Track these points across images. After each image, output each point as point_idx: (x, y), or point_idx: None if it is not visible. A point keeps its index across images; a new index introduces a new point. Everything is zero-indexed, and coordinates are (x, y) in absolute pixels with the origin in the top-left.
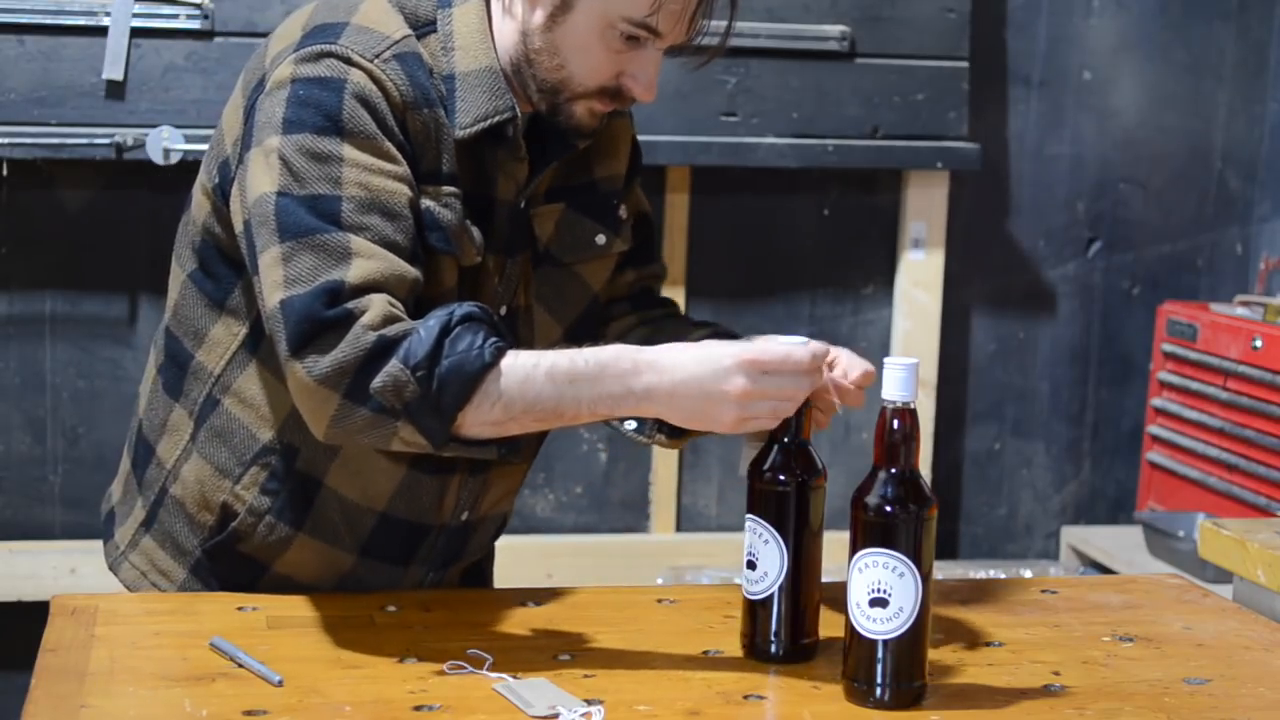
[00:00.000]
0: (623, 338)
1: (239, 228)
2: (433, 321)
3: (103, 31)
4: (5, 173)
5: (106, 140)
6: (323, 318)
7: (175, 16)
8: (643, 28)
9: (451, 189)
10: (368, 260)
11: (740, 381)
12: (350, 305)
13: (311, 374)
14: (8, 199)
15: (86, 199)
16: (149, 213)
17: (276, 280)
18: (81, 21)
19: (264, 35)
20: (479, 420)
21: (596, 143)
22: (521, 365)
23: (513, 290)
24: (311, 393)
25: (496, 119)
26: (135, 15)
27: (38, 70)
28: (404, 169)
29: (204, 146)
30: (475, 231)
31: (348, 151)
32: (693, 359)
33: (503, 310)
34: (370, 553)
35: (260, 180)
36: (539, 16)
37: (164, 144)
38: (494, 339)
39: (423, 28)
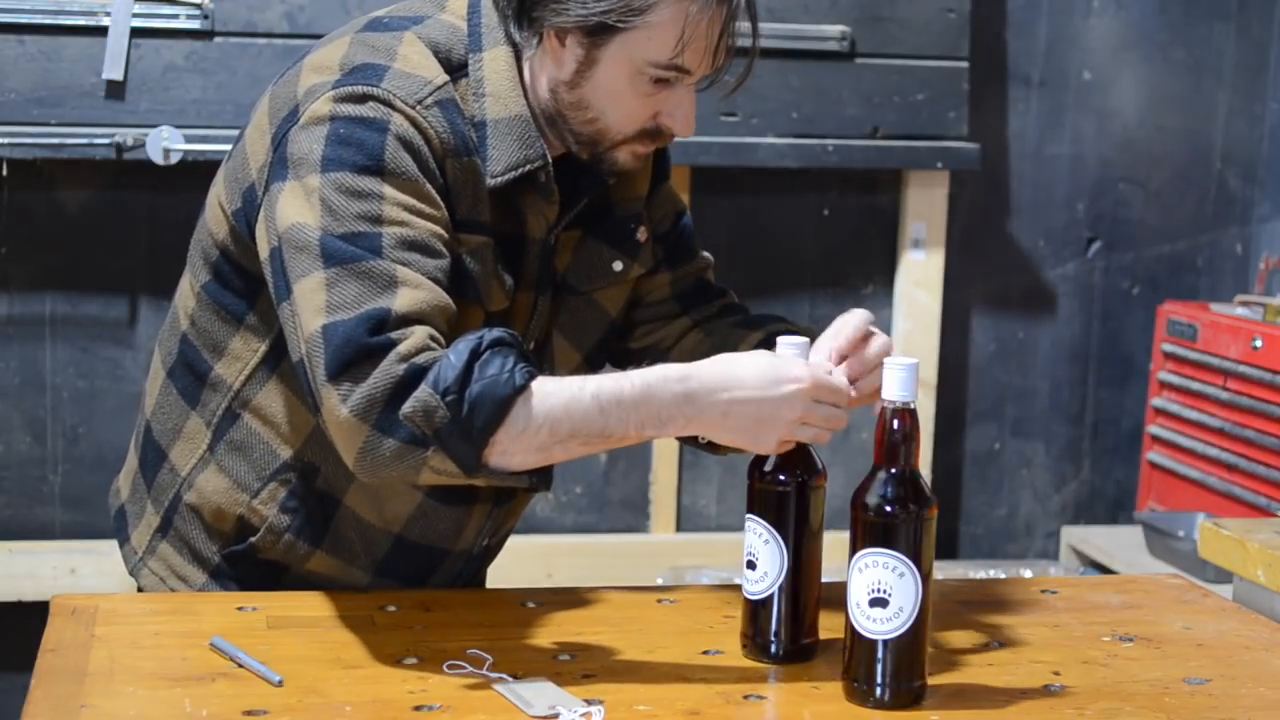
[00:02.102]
0: (677, 343)
1: (264, 254)
2: (462, 346)
3: (103, 31)
4: (5, 173)
5: (106, 140)
6: (365, 344)
7: (175, 16)
8: (671, 68)
9: (483, 238)
10: (414, 290)
11: (798, 409)
12: (393, 334)
13: (344, 404)
14: (8, 199)
15: (86, 199)
16: (149, 213)
17: (318, 305)
18: (81, 21)
19: (264, 36)
20: (523, 446)
21: None
22: (566, 388)
23: (542, 326)
24: (341, 424)
25: (528, 168)
26: (135, 15)
27: (38, 70)
28: (443, 213)
29: (204, 146)
30: (506, 276)
31: (388, 191)
32: (752, 379)
33: (531, 345)
34: (385, 573)
35: (297, 212)
36: (565, 73)
37: (164, 144)
38: (523, 364)
39: (456, 72)
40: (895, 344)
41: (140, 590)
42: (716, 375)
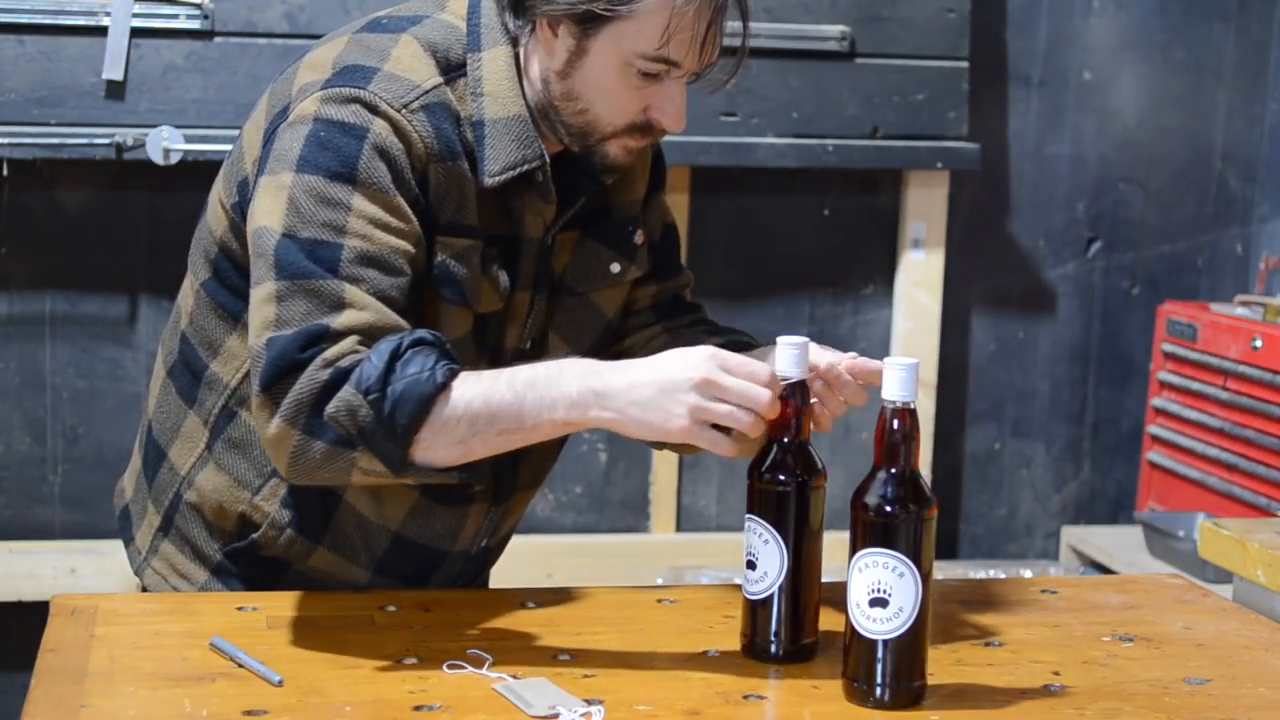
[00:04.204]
0: (645, 347)
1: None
2: (384, 346)
3: (103, 31)
4: (5, 173)
5: (106, 140)
6: (295, 359)
7: (175, 16)
8: (658, 61)
9: (470, 241)
10: (359, 311)
11: (701, 371)
12: (324, 347)
13: (274, 413)
14: (8, 199)
15: (86, 199)
16: (149, 213)
17: (267, 318)
18: (81, 21)
19: (264, 36)
20: (444, 441)
21: None
22: (484, 380)
23: (539, 326)
24: (272, 432)
25: (525, 168)
26: (135, 15)
27: (38, 70)
28: (412, 226)
29: (204, 146)
30: (502, 276)
31: (357, 201)
32: (657, 358)
33: (528, 345)
34: (385, 571)
35: (266, 212)
36: (557, 62)
37: (164, 144)
38: (445, 362)
39: (453, 72)
40: (895, 344)
41: (144, 590)
42: (627, 361)
